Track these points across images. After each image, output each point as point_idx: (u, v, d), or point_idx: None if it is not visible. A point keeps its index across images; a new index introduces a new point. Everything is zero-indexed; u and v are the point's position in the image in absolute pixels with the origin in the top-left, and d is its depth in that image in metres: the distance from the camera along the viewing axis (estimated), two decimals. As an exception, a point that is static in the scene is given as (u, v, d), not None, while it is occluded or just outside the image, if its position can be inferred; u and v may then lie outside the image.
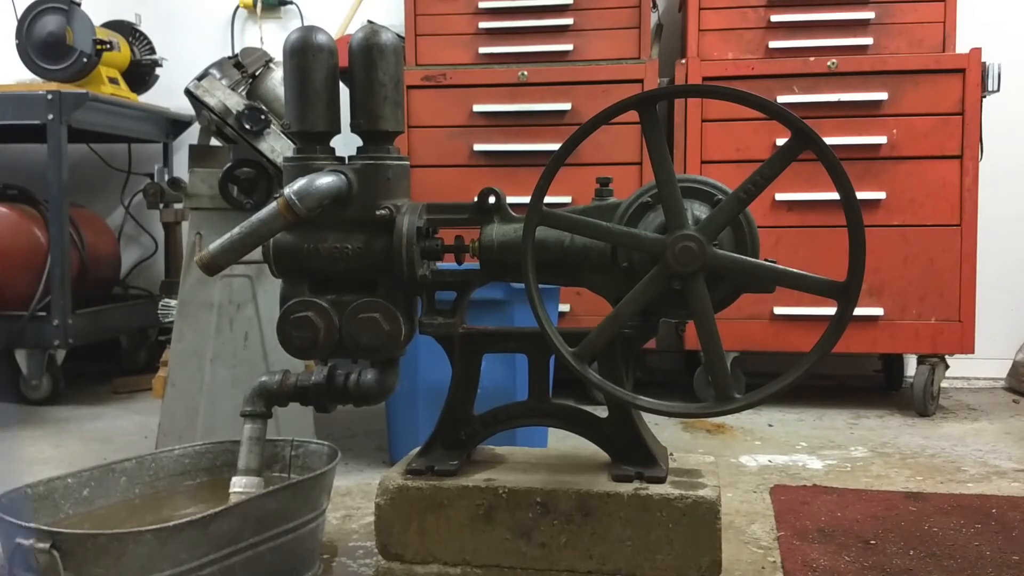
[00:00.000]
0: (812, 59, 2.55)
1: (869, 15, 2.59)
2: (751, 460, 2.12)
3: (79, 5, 2.88)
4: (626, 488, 1.26)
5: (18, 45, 2.90)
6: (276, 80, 2.12)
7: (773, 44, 2.63)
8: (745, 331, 2.55)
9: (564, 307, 2.59)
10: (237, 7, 3.44)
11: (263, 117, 1.97)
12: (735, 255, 1.17)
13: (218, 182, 1.94)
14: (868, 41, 2.60)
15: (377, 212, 1.28)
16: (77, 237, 2.91)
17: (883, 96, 2.51)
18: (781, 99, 2.52)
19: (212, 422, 2.01)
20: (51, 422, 2.63)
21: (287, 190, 1.21)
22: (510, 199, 1.32)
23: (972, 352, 2.55)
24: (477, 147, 2.68)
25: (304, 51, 1.30)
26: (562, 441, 1.73)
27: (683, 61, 2.65)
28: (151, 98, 3.26)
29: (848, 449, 2.22)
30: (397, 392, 1.38)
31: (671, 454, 1.39)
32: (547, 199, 1.20)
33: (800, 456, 2.16)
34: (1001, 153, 2.85)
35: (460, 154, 2.71)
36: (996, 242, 2.88)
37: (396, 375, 1.36)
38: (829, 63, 2.53)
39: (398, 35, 1.52)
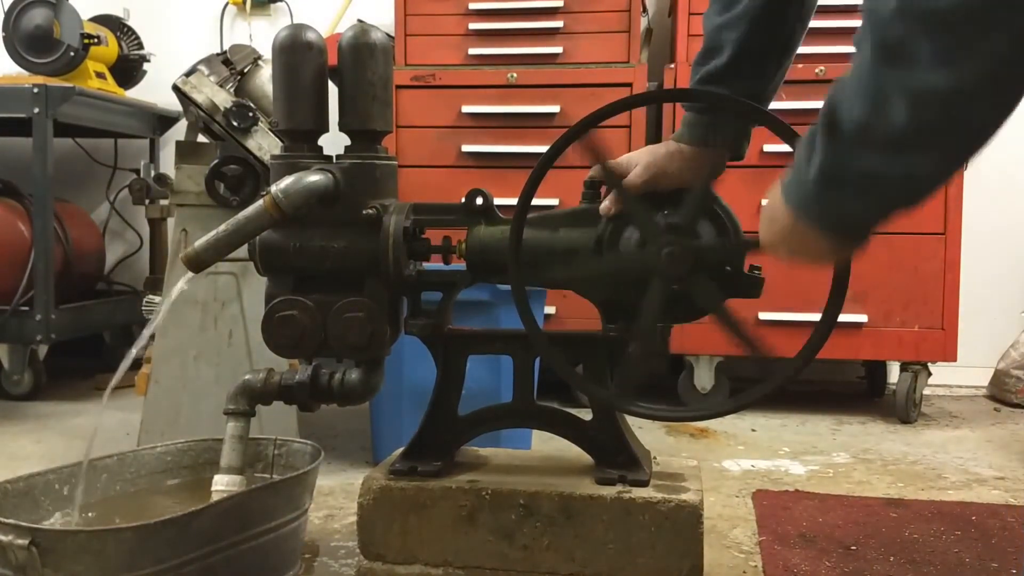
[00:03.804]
0: (800, 65, 2.56)
1: (857, 23, 2.60)
2: (734, 465, 2.13)
3: (67, -1, 2.87)
4: (609, 491, 1.26)
5: (4, 38, 2.89)
6: (264, 78, 2.11)
7: (762, 50, 2.64)
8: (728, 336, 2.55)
9: (550, 309, 2.59)
10: (226, 4, 3.42)
11: (251, 114, 1.96)
12: (719, 239, 1.18)
13: (205, 179, 1.93)
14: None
15: (364, 211, 1.27)
16: (61, 232, 2.89)
17: (870, 104, 2.52)
18: (770, 105, 2.53)
19: (195, 420, 2.00)
20: (32, 418, 2.61)
21: (274, 188, 1.21)
22: (498, 200, 1.32)
23: (955, 360, 2.57)
24: (465, 148, 2.68)
25: (293, 49, 1.30)
26: (546, 443, 1.73)
27: (672, 66, 2.65)
28: (138, 93, 3.25)
29: (830, 455, 2.23)
30: (381, 392, 1.38)
31: (654, 457, 1.39)
32: (535, 201, 1.20)
33: (783, 461, 2.17)
34: (986, 163, 2.86)
35: (448, 155, 2.70)
36: (980, 251, 2.90)
37: (381, 375, 1.35)
38: (817, 70, 2.54)
39: (388, 35, 1.51)
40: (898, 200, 0.81)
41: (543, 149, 1.17)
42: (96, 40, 2.92)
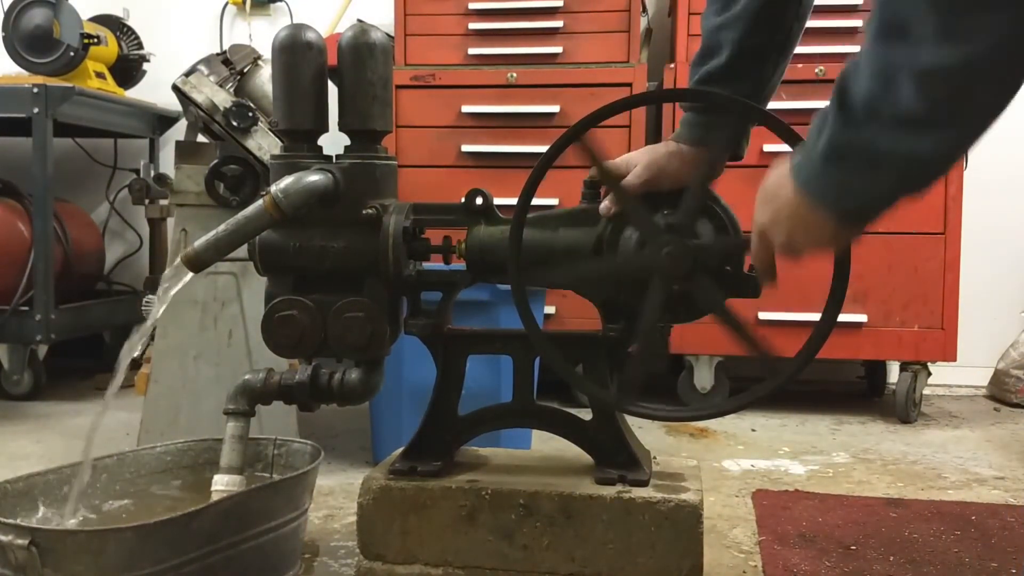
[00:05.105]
0: (800, 65, 2.55)
1: (857, 23, 2.61)
2: (734, 464, 2.13)
3: (67, -2, 2.87)
4: (609, 491, 1.26)
5: (4, 38, 2.89)
6: (264, 77, 2.11)
7: (762, 50, 2.64)
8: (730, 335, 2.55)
9: (550, 309, 2.59)
10: (226, 4, 3.43)
11: (251, 114, 1.96)
12: (719, 237, 1.18)
13: (204, 179, 1.93)
14: (855, 48, 2.61)
15: (364, 211, 1.27)
16: (61, 232, 2.89)
17: (870, 104, 2.51)
18: (769, 105, 2.53)
19: (195, 420, 2.00)
20: (32, 417, 2.61)
21: (274, 188, 1.21)
22: (497, 200, 1.32)
23: (954, 360, 2.57)
24: (465, 148, 2.68)
25: (293, 49, 1.30)
26: (546, 443, 1.73)
27: (672, 66, 2.65)
28: (138, 93, 3.25)
29: (830, 455, 2.23)
30: (381, 392, 1.38)
31: (654, 457, 1.39)
32: (535, 201, 1.20)
33: (782, 461, 2.17)
34: (986, 163, 2.86)
35: (448, 155, 2.70)
36: (979, 251, 2.90)
37: (381, 375, 1.35)
38: (817, 70, 2.54)
39: (388, 35, 1.51)
40: (904, 181, 0.80)
41: (543, 149, 1.17)
42: (96, 40, 2.92)
